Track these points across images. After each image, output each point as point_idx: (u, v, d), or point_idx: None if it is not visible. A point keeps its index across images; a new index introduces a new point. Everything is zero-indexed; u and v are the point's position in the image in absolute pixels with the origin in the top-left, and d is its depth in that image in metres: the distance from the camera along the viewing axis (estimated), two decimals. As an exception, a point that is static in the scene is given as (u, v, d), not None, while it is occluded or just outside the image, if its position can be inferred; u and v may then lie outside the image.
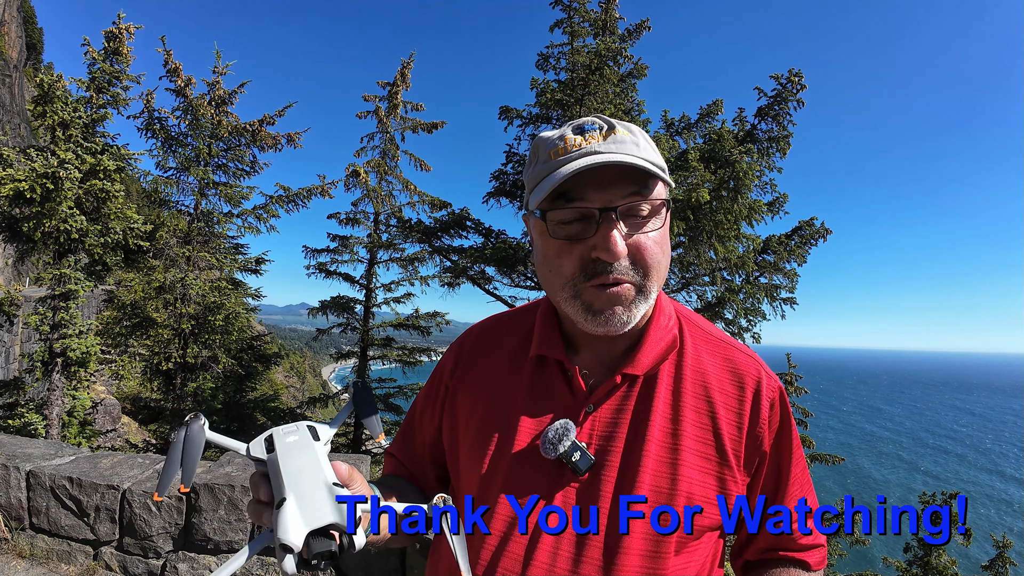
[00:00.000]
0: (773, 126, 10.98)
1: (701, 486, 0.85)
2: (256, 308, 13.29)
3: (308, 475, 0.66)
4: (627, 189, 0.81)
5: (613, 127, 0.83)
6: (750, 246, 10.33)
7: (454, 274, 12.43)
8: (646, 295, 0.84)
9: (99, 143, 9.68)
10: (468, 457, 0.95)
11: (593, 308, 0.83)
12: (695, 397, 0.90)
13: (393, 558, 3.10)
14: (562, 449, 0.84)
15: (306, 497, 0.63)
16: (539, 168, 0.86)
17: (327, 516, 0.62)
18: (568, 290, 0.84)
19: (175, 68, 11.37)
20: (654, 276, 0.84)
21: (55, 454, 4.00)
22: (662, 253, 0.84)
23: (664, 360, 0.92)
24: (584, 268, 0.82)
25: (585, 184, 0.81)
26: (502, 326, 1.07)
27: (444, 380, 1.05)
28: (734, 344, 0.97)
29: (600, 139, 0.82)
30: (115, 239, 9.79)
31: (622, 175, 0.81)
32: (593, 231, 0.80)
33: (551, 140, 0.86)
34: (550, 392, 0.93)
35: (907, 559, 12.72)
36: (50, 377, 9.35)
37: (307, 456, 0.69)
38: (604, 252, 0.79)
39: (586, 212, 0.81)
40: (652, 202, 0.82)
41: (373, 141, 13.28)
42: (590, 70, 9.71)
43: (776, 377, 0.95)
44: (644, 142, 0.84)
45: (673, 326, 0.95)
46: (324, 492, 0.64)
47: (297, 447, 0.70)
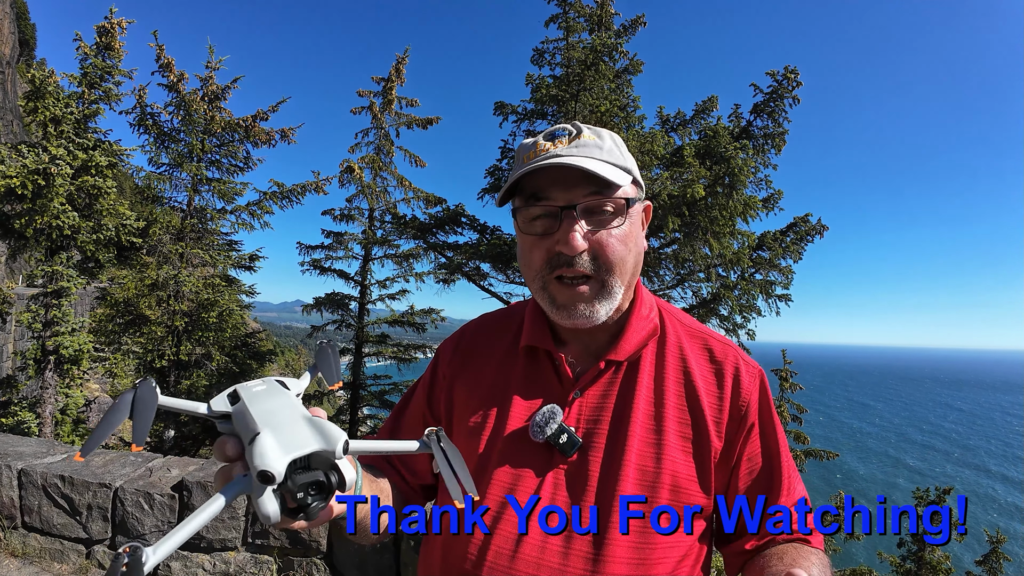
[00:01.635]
0: (769, 122, 10.99)
1: (685, 465, 0.89)
2: (250, 305, 13.25)
3: (283, 411, 0.58)
4: (588, 189, 0.87)
5: (580, 132, 0.91)
6: (745, 242, 10.34)
7: (449, 270, 12.41)
8: (609, 291, 0.90)
9: (91, 139, 9.63)
10: (464, 439, 0.98)
11: (557, 302, 0.91)
12: (676, 381, 0.95)
13: (388, 555, 3.09)
14: (549, 432, 0.89)
15: (283, 427, 0.56)
16: (514, 170, 0.93)
17: (310, 443, 0.54)
18: (538, 282, 0.93)
19: (168, 63, 11.30)
20: (617, 272, 0.90)
21: (47, 452, 3.98)
22: (627, 249, 0.90)
23: (645, 346, 0.97)
24: (549, 261, 0.90)
25: (551, 185, 0.88)
26: (498, 321, 1.13)
27: (441, 368, 1.10)
28: (712, 334, 1.03)
29: (566, 144, 0.89)
30: (108, 236, 9.75)
31: (584, 177, 0.87)
32: (557, 227, 0.88)
33: (528, 145, 0.94)
34: (540, 380, 0.98)
35: (901, 554, 12.81)
36: (43, 375, 9.31)
37: (279, 397, 0.61)
38: (564, 246, 0.86)
39: (551, 210, 0.88)
40: (615, 201, 0.88)
41: (368, 137, 13.24)
42: (585, 66, 9.69)
43: (756, 363, 1.00)
44: (611, 145, 0.91)
45: (654, 316, 1.01)
46: (303, 422, 0.57)
47: (266, 393, 0.63)
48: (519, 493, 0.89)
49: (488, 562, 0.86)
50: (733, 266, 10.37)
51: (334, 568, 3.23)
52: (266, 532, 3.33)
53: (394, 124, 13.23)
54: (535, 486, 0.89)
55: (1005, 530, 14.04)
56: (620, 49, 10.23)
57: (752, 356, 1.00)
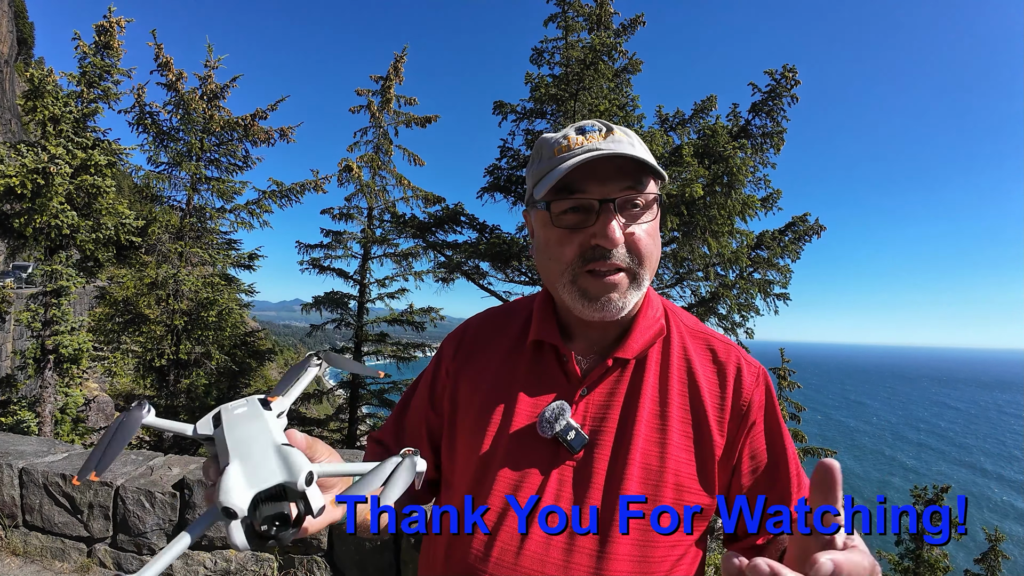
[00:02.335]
0: (767, 122, 11.01)
1: (687, 464, 0.90)
2: (249, 304, 13.26)
3: (255, 439, 0.60)
4: (623, 183, 0.88)
5: (612, 129, 0.91)
6: (743, 242, 10.35)
7: (448, 269, 12.42)
8: (639, 283, 0.91)
9: (90, 138, 9.62)
10: (467, 436, 0.98)
11: (589, 294, 0.90)
12: (681, 380, 0.96)
13: (388, 553, 3.11)
14: (558, 428, 0.89)
15: (251, 458, 0.57)
16: (543, 164, 0.93)
17: (275, 476, 0.56)
18: (567, 275, 0.91)
19: (166, 62, 11.30)
20: (647, 265, 0.91)
21: (48, 451, 3.99)
22: (654, 244, 0.92)
23: (652, 346, 0.98)
24: (583, 254, 0.89)
25: (585, 178, 0.88)
26: (501, 316, 1.13)
27: (445, 364, 1.09)
28: (715, 334, 1.04)
29: (600, 138, 0.90)
30: (107, 235, 9.75)
31: (619, 171, 0.88)
32: (592, 221, 0.88)
33: (555, 139, 0.94)
34: (547, 376, 0.98)
35: (899, 552, 12.85)
36: (42, 374, 9.31)
37: (254, 422, 0.63)
38: (603, 239, 0.87)
39: (586, 203, 0.89)
40: (646, 196, 0.90)
41: (366, 136, 13.22)
42: (584, 65, 9.70)
43: (758, 362, 1.01)
44: (639, 143, 0.92)
45: (660, 316, 1.01)
46: (271, 452, 0.58)
47: (244, 417, 0.65)
48: (523, 491, 0.89)
49: (493, 558, 0.87)
50: (732, 265, 10.39)
51: (335, 566, 3.25)
52: (267, 530, 3.34)
53: (393, 123, 13.23)
54: (540, 482, 0.89)
55: (1001, 529, 14.09)
56: (619, 48, 10.24)
57: (751, 355, 1.02)
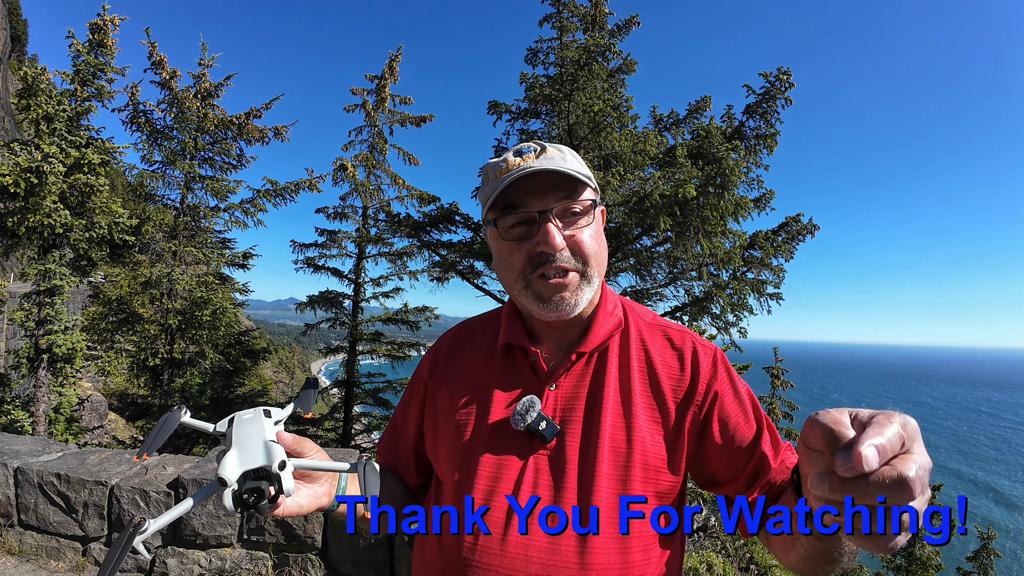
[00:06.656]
0: (761, 123, 11.04)
1: (654, 445, 0.98)
2: (244, 303, 13.20)
3: (253, 435, 0.80)
4: (559, 194, 0.99)
5: (545, 147, 1.02)
6: (737, 242, 10.39)
7: (443, 268, 12.42)
8: (589, 280, 1.00)
9: (83, 136, 9.59)
10: (449, 437, 1.06)
11: (542, 297, 0.99)
12: (640, 368, 1.04)
13: (382, 550, 3.14)
14: (529, 420, 0.96)
15: (245, 448, 0.77)
16: (488, 186, 1.03)
17: (258, 460, 0.76)
18: (520, 282, 1.01)
19: (160, 60, 11.25)
20: (593, 263, 1.00)
21: (42, 451, 4.00)
22: (597, 244, 1.02)
23: (611, 337, 1.07)
24: (531, 261, 0.99)
25: (525, 195, 0.99)
26: (474, 327, 1.23)
27: (423, 380, 1.19)
28: (671, 324, 1.13)
29: (534, 158, 1.00)
30: (100, 234, 9.72)
31: (553, 184, 0.98)
32: (536, 231, 0.98)
33: (497, 163, 1.04)
34: (518, 375, 1.07)
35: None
36: (36, 373, 9.29)
37: (254, 424, 0.82)
38: (545, 245, 0.96)
39: (528, 216, 0.99)
40: (582, 203, 1.00)
41: (361, 135, 13.19)
42: (579, 65, 9.72)
43: (713, 344, 1.09)
44: (571, 158, 1.03)
45: (618, 311, 1.11)
46: (260, 444, 0.78)
47: (248, 420, 0.83)
48: (503, 480, 0.95)
49: (479, 548, 0.92)
50: (725, 265, 10.42)
51: (329, 564, 3.27)
52: (262, 528, 3.37)
53: (387, 122, 13.20)
54: (518, 471, 0.96)
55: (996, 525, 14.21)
56: (614, 49, 10.25)
57: (744, 354, 1.08)
